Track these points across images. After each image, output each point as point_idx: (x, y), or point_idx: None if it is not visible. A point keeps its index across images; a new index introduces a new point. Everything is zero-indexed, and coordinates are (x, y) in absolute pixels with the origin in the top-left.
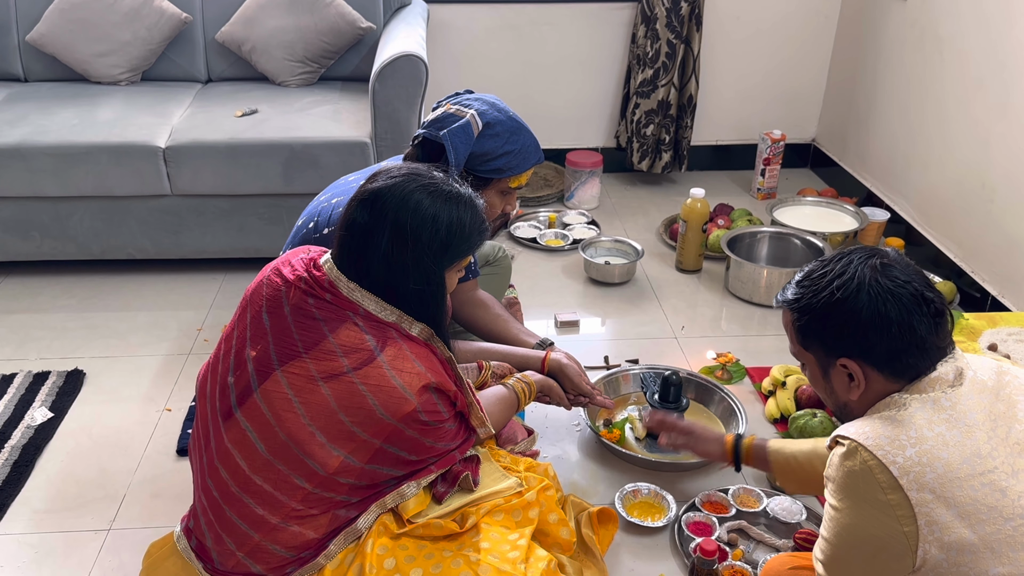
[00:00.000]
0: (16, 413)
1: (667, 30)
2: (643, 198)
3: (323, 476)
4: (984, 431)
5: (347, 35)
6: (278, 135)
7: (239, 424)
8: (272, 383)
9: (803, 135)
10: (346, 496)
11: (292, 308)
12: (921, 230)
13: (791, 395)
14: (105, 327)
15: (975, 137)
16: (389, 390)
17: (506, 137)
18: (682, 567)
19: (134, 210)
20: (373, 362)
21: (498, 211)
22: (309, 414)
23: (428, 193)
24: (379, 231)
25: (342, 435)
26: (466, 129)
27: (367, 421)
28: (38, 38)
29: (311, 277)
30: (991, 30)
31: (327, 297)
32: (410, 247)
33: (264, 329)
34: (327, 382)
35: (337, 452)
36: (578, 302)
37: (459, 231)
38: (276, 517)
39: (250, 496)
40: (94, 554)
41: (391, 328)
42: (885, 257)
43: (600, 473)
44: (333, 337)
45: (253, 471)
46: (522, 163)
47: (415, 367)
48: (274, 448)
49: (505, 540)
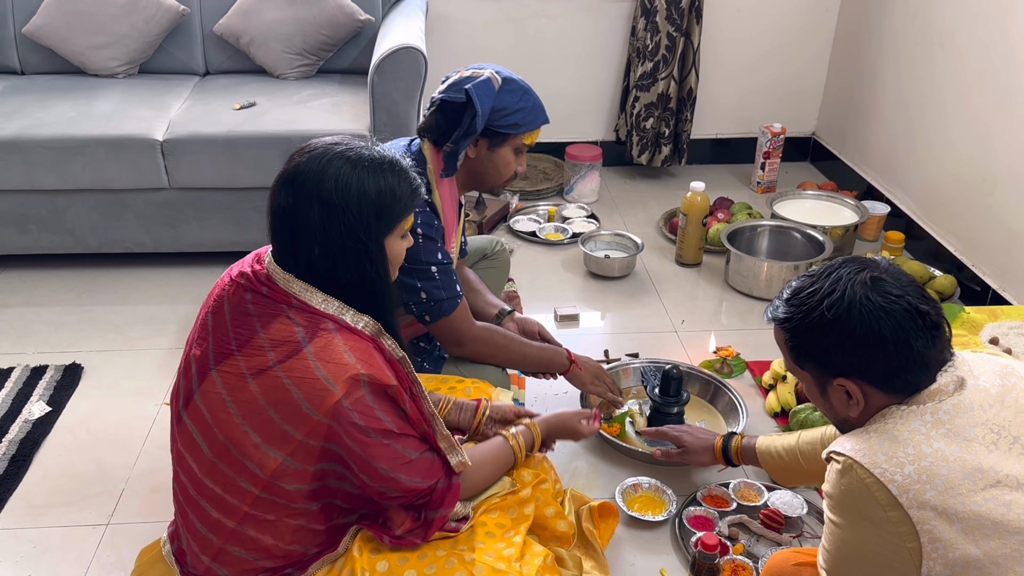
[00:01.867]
0: (14, 407)
1: (667, 23)
2: (643, 192)
3: (264, 480)
4: (985, 444)
5: (346, 27)
6: (276, 128)
7: (187, 427)
8: (208, 383)
9: (803, 128)
10: (304, 505)
11: (231, 307)
12: (921, 224)
13: (791, 389)
14: (103, 321)
15: (975, 130)
16: (312, 381)
17: (520, 94)
18: (683, 561)
19: (132, 203)
20: (299, 354)
21: (512, 169)
22: (241, 413)
23: (348, 161)
24: (305, 209)
25: (276, 435)
26: (488, 83)
27: (296, 417)
28: (35, 30)
29: (252, 272)
30: (991, 23)
31: (264, 291)
32: (340, 219)
33: (207, 330)
34: (255, 378)
35: (274, 454)
36: (578, 296)
37: (388, 193)
38: (232, 521)
39: (205, 500)
40: (92, 548)
41: (327, 319)
42: (875, 270)
43: (600, 467)
44: (264, 332)
45: (203, 474)
46: (535, 119)
47: (344, 358)
48: (216, 450)
49: (501, 538)
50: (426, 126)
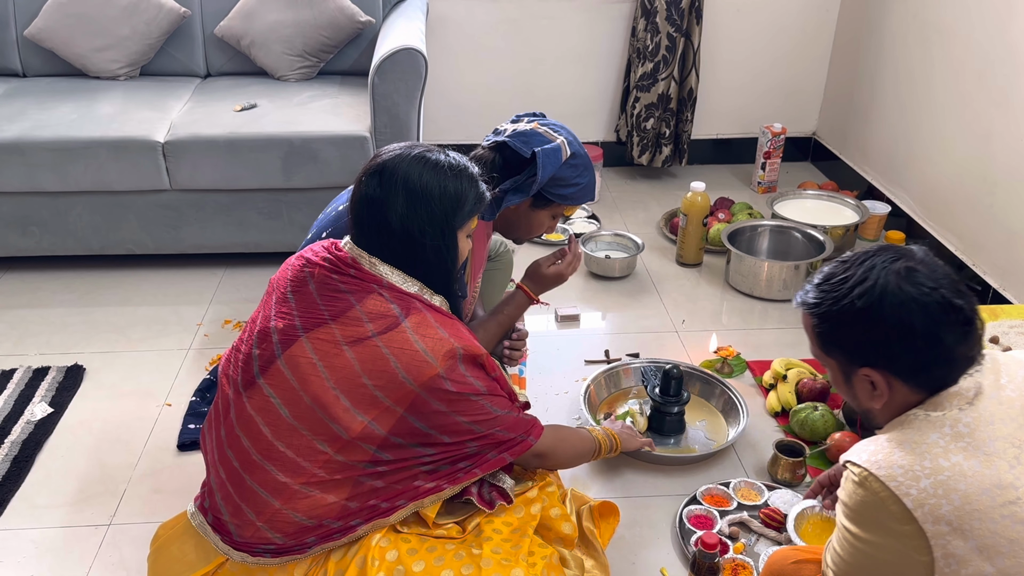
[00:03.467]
0: (16, 408)
1: (667, 23)
2: (643, 192)
3: (345, 440)
4: (1007, 459)
5: (346, 29)
6: (277, 130)
7: (262, 391)
8: (297, 348)
9: (803, 128)
10: (369, 465)
11: (317, 284)
12: (922, 223)
13: (792, 388)
14: (105, 322)
15: (976, 130)
16: (412, 353)
17: (580, 170)
18: (683, 560)
19: (133, 205)
20: (398, 327)
21: (543, 231)
22: (333, 377)
23: (429, 161)
24: (392, 197)
25: (365, 399)
26: (557, 153)
27: (390, 385)
28: (36, 33)
29: (334, 256)
30: (992, 22)
31: (351, 272)
32: (423, 206)
33: (290, 305)
34: (352, 346)
35: (361, 417)
36: (579, 296)
37: (462, 193)
38: (298, 482)
39: (272, 463)
40: (94, 549)
41: (414, 299)
42: (911, 260)
43: (600, 466)
44: (360, 306)
45: (276, 437)
46: (583, 197)
47: (439, 333)
48: (298, 413)
49: (507, 535)
50: (480, 158)
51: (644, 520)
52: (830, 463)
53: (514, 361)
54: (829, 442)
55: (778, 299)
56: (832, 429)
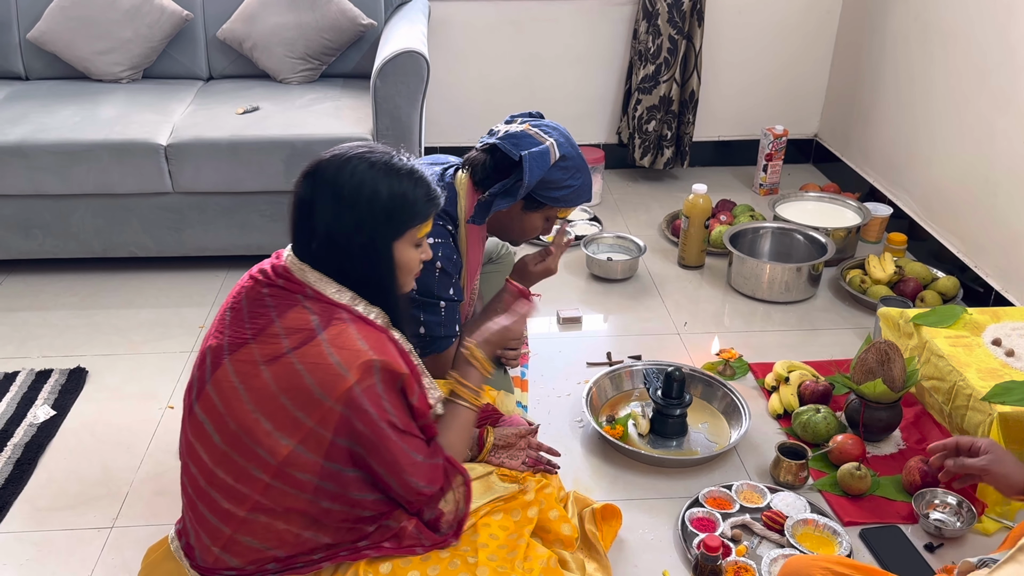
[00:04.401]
0: (19, 411)
1: (668, 25)
2: (645, 194)
3: (275, 466)
4: None
5: (348, 32)
6: (280, 132)
7: (197, 417)
8: (222, 372)
9: (805, 130)
10: (312, 497)
11: (248, 300)
12: (924, 225)
13: (794, 391)
14: (107, 325)
15: (978, 132)
16: (325, 367)
17: (572, 172)
18: (686, 563)
19: (136, 208)
20: (313, 340)
21: (536, 233)
22: (253, 400)
23: (366, 161)
24: (320, 201)
25: (287, 422)
26: (545, 156)
27: (307, 404)
28: (39, 36)
29: (271, 268)
30: (994, 24)
31: (280, 283)
32: (349, 214)
33: (225, 323)
34: (268, 365)
35: (285, 441)
36: (580, 298)
37: (401, 199)
38: (242, 510)
39: (215, 490)
40: (97, 552)
41: (341, 309)
42: None
43: (603, 469)
44: (280, 320)
45: (214, 464)
46: (577, 199)
47: (357, 345)
48: (228, 438)
49: (504, 540)
50: (472, 160)
51: (646, 523)
52: (833, 465)
53: (512, 363)
54: (831, 444)
55: (780, 301)
56: (834, 431)
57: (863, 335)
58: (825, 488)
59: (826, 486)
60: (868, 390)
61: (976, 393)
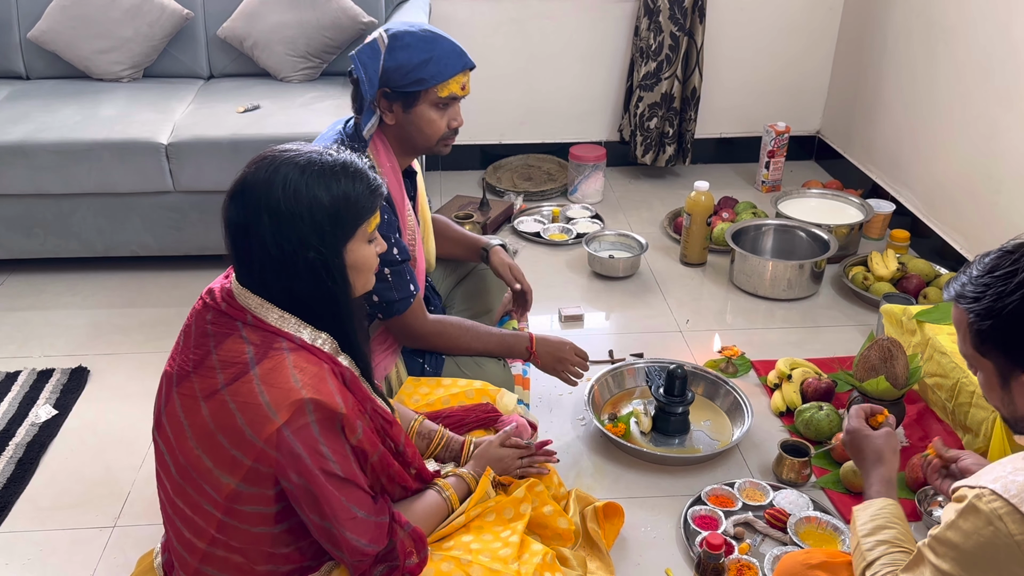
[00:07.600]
0: (20, 411)
1: (670, 22)
2: (647, 192)
3: (223, 504)
4: None
5: (349, 30)
6: (280, 131)
7: (158, 446)
8: (170, 405)
9: (807, 127)
10: (267, 528)
11: (196, 326)
12: (927, 222)
13: (797, 388)
14: (109, 324)
15: (981, 128)
16: (254, 407)
17: (418, 47)
18: (688, 561)
19: (137, 207)
20: (245, 376)
21: (441, 127)
22: (195, 436)
23: (297, 167)
24: (255, 222)
25: (226, 460)
26: (372, 46)
27: (241, 443)
28: (39, 35)
29: (219, 288)
30: (997, 20)
31: (223, 307)
32: (291, 229)
33: (177, 348)
34: (206, 401)
35: (226, 479)
36: (582, 296)
37: (343, 198)
38: (202, 542)
39: (178, 519)
40: (99, 551)
41: (281, 337)
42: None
43: (605, 467)
44: (216, 352)
45: (174, 494)
46: (443, 69)
47: (289, 382)
48: (180, 472)
49: (497, 538)
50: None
51: (649, 521)
52: (835, 463)
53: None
54: (834, 442)
55: (782, 298)
56: (837, 429)
57: (866, 332)
58: (828, 485)
59: (829, 483)
60: (871, 387)
61: (979, 390)
